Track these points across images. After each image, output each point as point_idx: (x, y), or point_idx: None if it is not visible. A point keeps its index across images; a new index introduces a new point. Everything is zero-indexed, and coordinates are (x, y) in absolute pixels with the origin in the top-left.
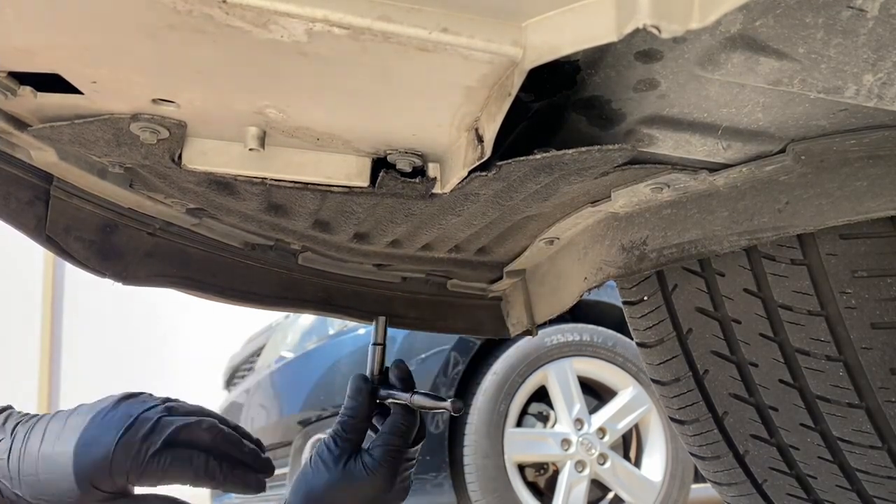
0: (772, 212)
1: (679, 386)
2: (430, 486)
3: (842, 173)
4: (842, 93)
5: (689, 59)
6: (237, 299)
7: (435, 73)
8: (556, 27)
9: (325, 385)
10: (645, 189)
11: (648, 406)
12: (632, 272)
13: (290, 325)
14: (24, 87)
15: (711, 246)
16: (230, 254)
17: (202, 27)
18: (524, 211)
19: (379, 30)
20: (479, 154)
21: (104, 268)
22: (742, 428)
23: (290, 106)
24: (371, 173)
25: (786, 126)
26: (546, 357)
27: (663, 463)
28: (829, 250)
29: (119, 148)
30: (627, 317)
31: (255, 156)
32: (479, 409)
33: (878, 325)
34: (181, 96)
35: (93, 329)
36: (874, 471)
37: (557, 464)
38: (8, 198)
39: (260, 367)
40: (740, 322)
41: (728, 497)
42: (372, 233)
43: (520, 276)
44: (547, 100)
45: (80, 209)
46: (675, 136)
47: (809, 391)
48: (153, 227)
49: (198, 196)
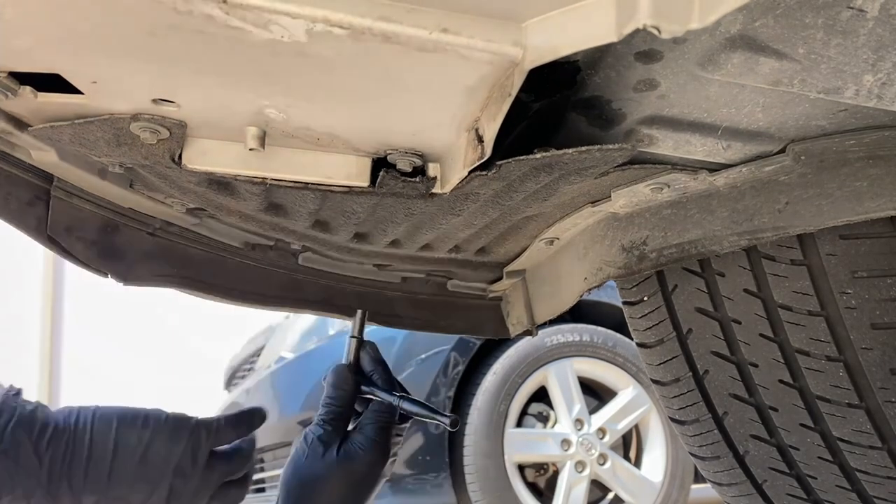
0: (772, 212)
1: (679, 386)
2: (430, 487)
3: (842, 173)
4: (842, 93)
5: (689, 60)
6: (237, 299)
7: (435, 73)
8: (557, 27)
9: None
10: (645, 189)
11: (648, 406)
12: (632, 272)
13: (290, 326)
14: (24, 87)
15: (711, 246)
16: (230, 254)
17: (202, 27)
18: (524, 211)
19: (379, 30)
20: (480, 154)
21: (105, 268)
22: (742, 428)
23: (290, 106)
24: (371, 173)
25: (786, 126)
26: (546, 357)
27: (663, 463)
28: (829, 250)
29: (119, 148)
30: (627, 317)
31: (255, 156)
32: (479, 410)
33: (878, 325)
34: (181, 96)
35: (93, 329)
36: (874, 471)
37: (557, 464)
38: (8, 198)
39: (260, 367)
40: (740, 322)
41: (728, 497)
42: (372, 233)
43: (520, 277)
44: (547, 100)
45: (81, 209)
46: (675, 137)
47: (809, 391)
48: (153, 227)
49: (198, 196)
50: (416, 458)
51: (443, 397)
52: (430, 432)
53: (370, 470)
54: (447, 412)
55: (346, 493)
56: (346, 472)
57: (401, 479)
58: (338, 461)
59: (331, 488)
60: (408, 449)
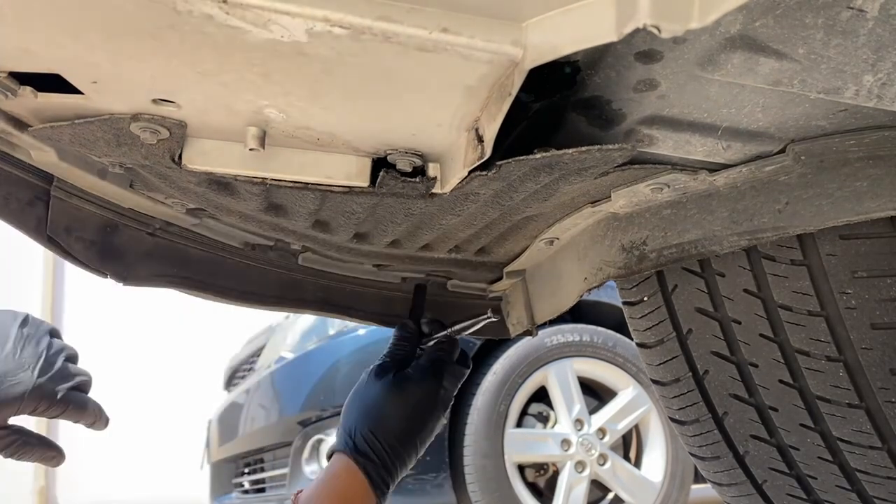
0: (772, 212)
1: (679, 386)
2: (430, 487)
3: (842, 173)
4: (842, 93)
5: (689, 60)
6: (237, 299)
7: (435, 72)
8: (556, 27)
9: (325, 385)
10: (645, 189)
11: (648, 406)
12: (632, 272)
13: (290, 326)
14: (24, 87)
15: (711, 246)
16: (230, 254)
17: (202, 27)
18: (524, 211)
19: (379, 30)
20: (480, 154)
21: (105, 268)
22: (742, 428)
23: (290, 106)
24: (371, 173)
25: (786, 126)
26: (546, 357)
27: (663, 463)
28: (829, 250)
29: (119, 148)
30: (627, 317)
31: (255, 156)
32: (479, 410)
33: (878, 325)
34: (181, 96)
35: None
36: (874, 471)
37: (557, 464)
38: (8, 198)
39: (260, 367)
40: (740, 322)
41: (728, 497)
42: (372, 233)
43: (520, 277)
44: (547, 100)
45: (81, 209)
46: (675, 137)
47: (809, 391)
48: (153, 227)
49: (198, 196)
50: None
51: None
52: None
53: (422, 394)
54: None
55: (398, 412)
56: (399, 393)
57: (401, 478)
58: (392, 382)
59: (384, 406)
60: None
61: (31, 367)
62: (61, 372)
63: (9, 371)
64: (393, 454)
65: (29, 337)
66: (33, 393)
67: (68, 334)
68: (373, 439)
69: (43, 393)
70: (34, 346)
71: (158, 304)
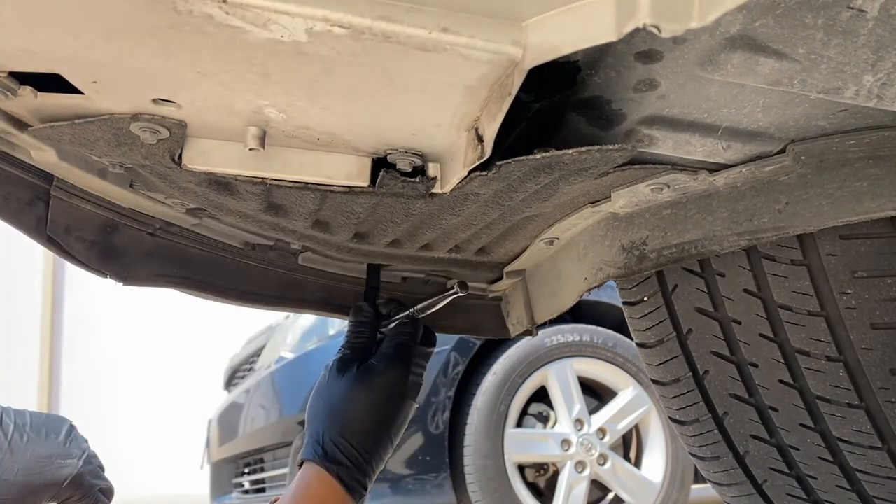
0: (772, 212)
1: (679, 386)
2: (430, 487)
3: (842, 174)
4: (842, 93)
5: (689, 60)
6: (237, 299)
7: (435, 72)
8: (556, 27)
9: None
10: (645, 189)
11: (648, 406)
12: (632, 272)
13: (290, 326)
14: (24, 87)
15: (711, 246)
16: (230, 254)
17: (202, 27)
18: (524, 211)
19: (379, 29)
20: (479, 154)
21: (105, 268)
22: (742, 428)
23: (290, 106)
24: (371, 173)
25: (786, 126)
26: (546, 357)
27: (663, 463)
28: (829, 250)
29: (119, 148)
30: (627, 317)
31: (255, 156)
32: (479, 410)
33: (878, 325)
34: (181, 96)
35: (93, 329)
36: (874, 471)
37: (557, 464)
38: (8, 198)
39: (260, 367)
40: (740, 322)
41: (728, 497)
42: (372, 233)
43: (520, 277)
44: (547, 100)
45: (81, 209)
46: (675, 137)
47: (809, 391)
48: (153, 227)
49: (198, 196)
50: (416, 458)
51: (443, 397)
52: (429, 432)
53: (390, 385)
54: (447, 410)
55: (367, 408)
56: (365, 387)
57: (401, 479)
58: (356, 377)
59: (351, 405)
60: (408, 449)
61: (77, 458)
62: (98, 471)
63: (60, 455)
64: (367, 455)
65: (75, 437)
66: (75, 480)
67: (68, 334)
68: (344, 444)
69: (82, 482)
70: (80, 443)
71: (159, 304)
